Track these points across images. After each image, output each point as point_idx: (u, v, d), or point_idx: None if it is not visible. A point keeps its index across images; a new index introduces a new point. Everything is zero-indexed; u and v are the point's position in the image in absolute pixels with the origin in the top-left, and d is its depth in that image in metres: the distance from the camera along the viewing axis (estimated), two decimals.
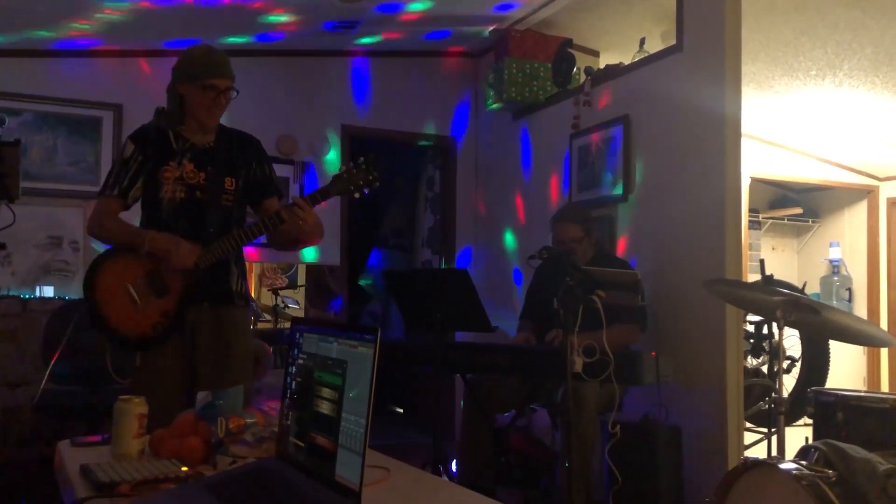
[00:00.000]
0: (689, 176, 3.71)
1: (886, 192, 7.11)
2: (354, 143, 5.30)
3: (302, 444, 1.39)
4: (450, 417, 5.21)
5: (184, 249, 2.53)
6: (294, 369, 1.49)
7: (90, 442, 1.92)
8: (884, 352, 6.97)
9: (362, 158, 2.61)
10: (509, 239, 5.27)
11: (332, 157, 5.26)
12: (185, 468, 1.55)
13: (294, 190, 5.10)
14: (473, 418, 3.61)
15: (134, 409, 1.76)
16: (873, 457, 1.99)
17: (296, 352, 1.49)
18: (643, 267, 3.85)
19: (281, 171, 4.71)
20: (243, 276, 2.79)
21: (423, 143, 5.78)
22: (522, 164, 5.17)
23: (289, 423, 1.47)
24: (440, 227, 5.77)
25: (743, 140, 3.61)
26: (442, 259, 5.73)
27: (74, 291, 4.50)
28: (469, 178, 5.69)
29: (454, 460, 3.76)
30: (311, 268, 5.26)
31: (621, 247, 4.15)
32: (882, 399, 2.40)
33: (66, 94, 4.65)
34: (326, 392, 1.33)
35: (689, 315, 3.62)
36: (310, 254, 5.16)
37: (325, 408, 1.32)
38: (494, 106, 5.06)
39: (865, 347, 6.93)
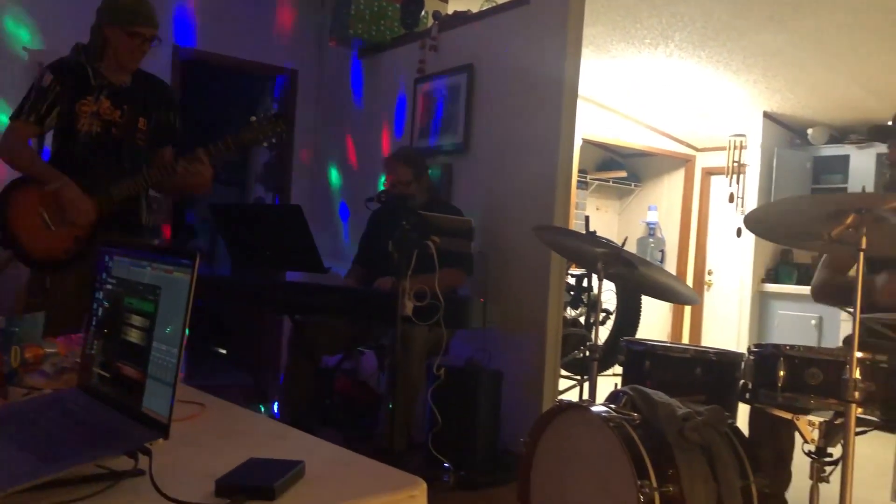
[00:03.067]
0: (525, 131, 3.78)
1: (702, 162, 7.64)
2: (186, 67, 4.97)
3: (107, 375, 1.28)
4: (275, 359, 5.11)
5: (82, 209, 2.65)
6: (101, 295, 1.36)
7: None
8: (687, 309, 7.57)
9: (272, 112, 2.88)
10: (334, 177, 5.18)
11: None
12: None
13: None
14: (298, 359, 3.55)
15: None
16: (674, 402, 2.14)
17: (104, 276, 1.36)
18: (477, 216, 3.91)
19: None
20: (151, 210, 2.97)
21: (262, 73, 5.52)
22: (357, 102, 5.08)
23: (93, 352, 1.35)
24: (276, 163, 5.57)
25: (578, 101, 3.72)
26: (276, 197, 5.55)
27: None
28: (309, 112, 5.50)
29: (276, 401, 3.70)
30: None
31: (457, 195, 4.19)
32: (684, 349, 2.57)
33: None
34: (136, 319, 1.22)
35: (516, 265, 3.72)
36: None
37: (134, 336, 1.22)
38: (339, 41, 4.91)
39: (671, 305, 7.50)
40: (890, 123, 2.53)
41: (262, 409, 3.35)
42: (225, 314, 5.99)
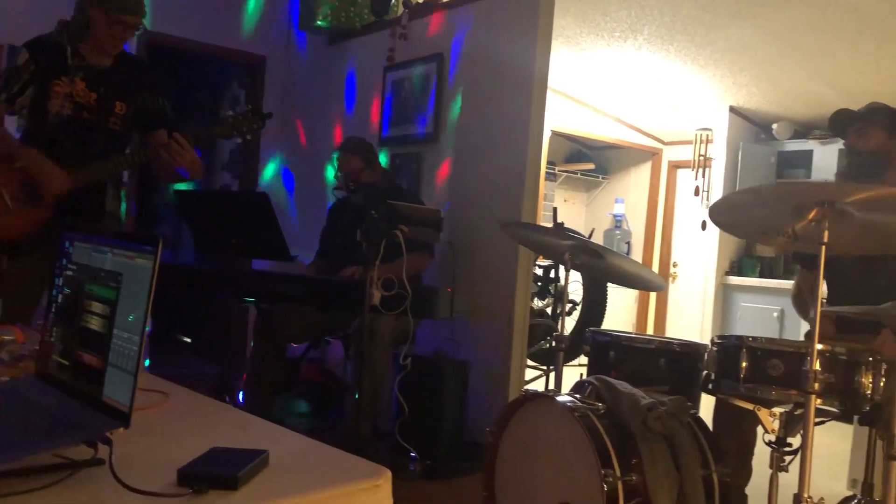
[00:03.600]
0: (495, 122, 3.78)
1: (669, 155, 7.70)
2: (150, 50, 4.88)
3: (66, 363, 1.26)
4: (241, 348, 5.06)
5: (55, 175, 2.58)
6: (61, 281, 1.33)
7: None
8: (651, 300, 7.65)
9: (250, 106, 2.85)
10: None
11: None
12: None
13: None
14: (264, 348, 3.53)
15: None
16: (638, 392, 2.16)
17: (64, 262, 1.34)
18: (446, 206, 3.91)
19: None
20: (118, 197, 2.89)
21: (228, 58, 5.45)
22: (326, 90, 5.02)
23: (52, 339, 1.32)
24: (242, 150, 5.51)
25: (547, 93, 3.73)
26: (242, 184, 5.49)
27: None
28: (276, 99, 5.44)
29: (242, 390, 3.67)
30: None
31: (426, 185, 4.18)
32: (649, 340, 2.60)
33: None
34: (97, 307, 1.20)
35: (484, 255, 3.73)
36: None
37: (94, 323, 1.19)
38: (308, 27, 4.86)
39: (637, 296, 7.58)
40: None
41: (227, 397, 3.32)
42: (190, 302, 5.92)
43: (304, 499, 0.97)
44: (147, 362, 4.46)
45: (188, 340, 6.26)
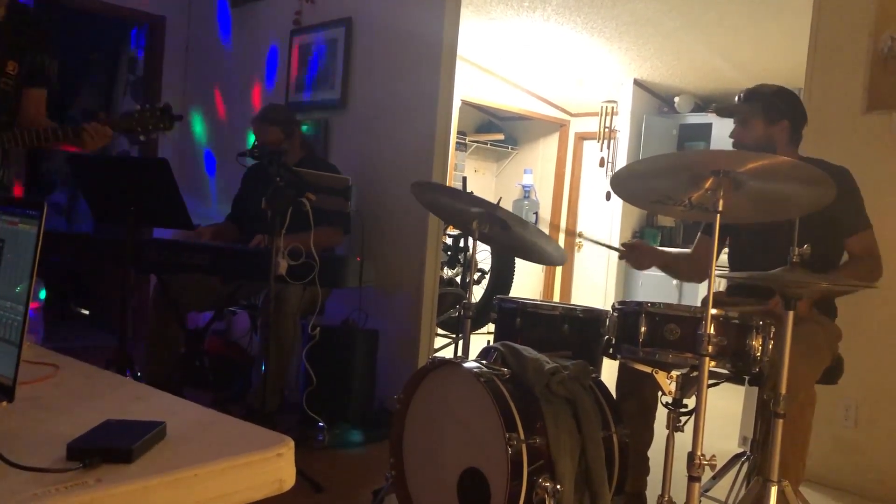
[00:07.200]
0: (404, 90, 3.75)
1: (576, 127, 7.82)
2: (42, 5, 4.60)
3: None
4: (142, 320, 4.91)
5: None
6: None
7: None
8: (558, 269, 7.82)
9: (161, 105, 2.60)
10: (201, 130, 4.98)
11: None
12: None
13: None
14: (163, 319, 3.42)
15: None
16: (542, 357, 2.20)
17: None
18: (354, 174, 3.86)
19: None
20: (8, 166, 2.69)
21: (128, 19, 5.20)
22: (228, 52, 4.88)
23: None
24: None
25: (457, 62, 3.71)
26: (141, 150, 5.28)
27: None
28: (178, 63, 5.24)
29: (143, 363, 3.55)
30: None
31: (334, 152, 4.12)
32: (553, 307, 2.65)
33: None
34: None
35: (394, 224, 3.72)
36: None
37: None
38: None
39: (543, 265, 7.72)
40: (736, 101, 2.65)
41: (128, 371, 3.20)
42: (88, 273, 5.68)
43: (203, 469, 0.94)
44: (40, 335, 4.26)
45: (86, 312, 6.02)
